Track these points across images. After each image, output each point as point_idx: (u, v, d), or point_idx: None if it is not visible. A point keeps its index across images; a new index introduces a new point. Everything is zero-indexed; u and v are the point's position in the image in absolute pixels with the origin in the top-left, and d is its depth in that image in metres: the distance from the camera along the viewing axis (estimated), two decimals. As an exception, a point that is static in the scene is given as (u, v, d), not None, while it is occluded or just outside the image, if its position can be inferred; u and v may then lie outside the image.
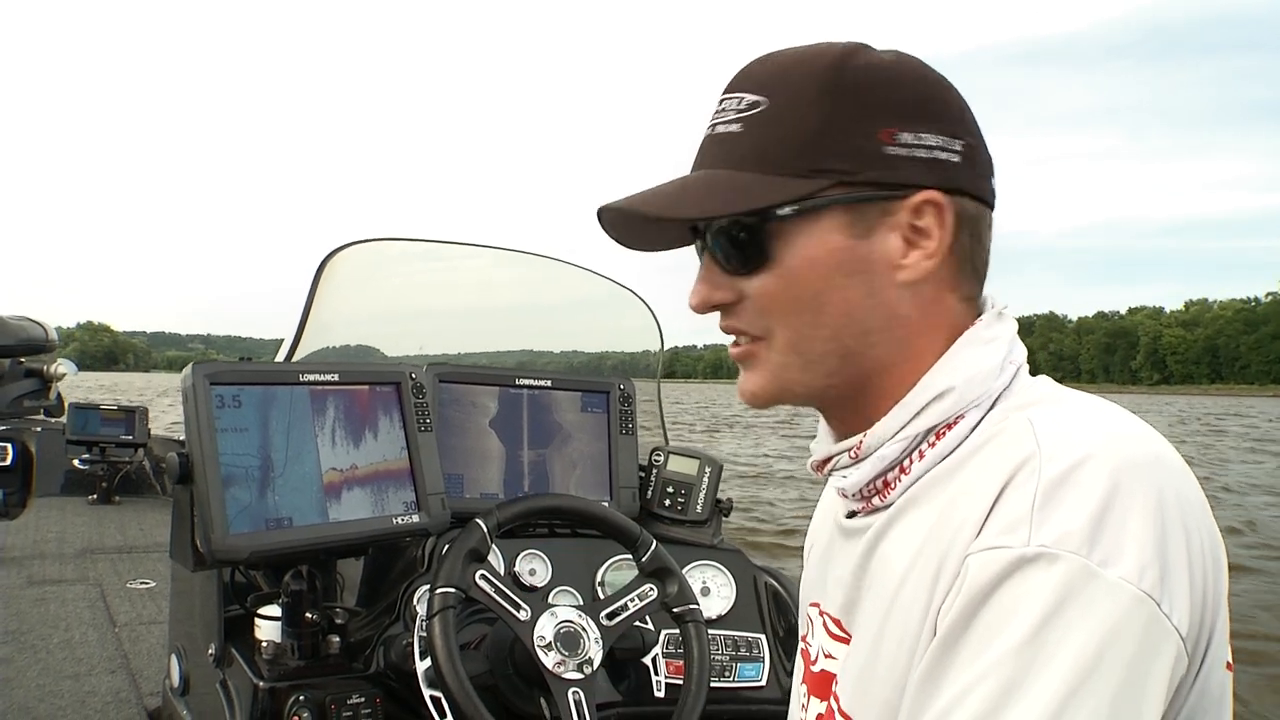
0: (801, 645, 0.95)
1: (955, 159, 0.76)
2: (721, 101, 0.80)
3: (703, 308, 0.82)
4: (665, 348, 2.28)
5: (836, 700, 0.82)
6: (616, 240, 0.86)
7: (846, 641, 0.83)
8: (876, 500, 0.81)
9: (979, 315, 0.81)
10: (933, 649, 0.67)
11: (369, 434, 1.50)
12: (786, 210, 0.75)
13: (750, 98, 0.77)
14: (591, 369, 2.53)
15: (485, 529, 1.42)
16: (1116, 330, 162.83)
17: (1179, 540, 0.64)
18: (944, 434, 0.76)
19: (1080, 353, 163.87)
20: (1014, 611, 0.62)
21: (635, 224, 0.84)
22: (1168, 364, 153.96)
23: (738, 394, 0.85)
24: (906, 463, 0.78)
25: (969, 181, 0.77)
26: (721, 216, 0.77)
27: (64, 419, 5.58)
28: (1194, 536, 0.66)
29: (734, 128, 0.77)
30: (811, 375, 0.79)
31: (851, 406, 0.81)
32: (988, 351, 0.78)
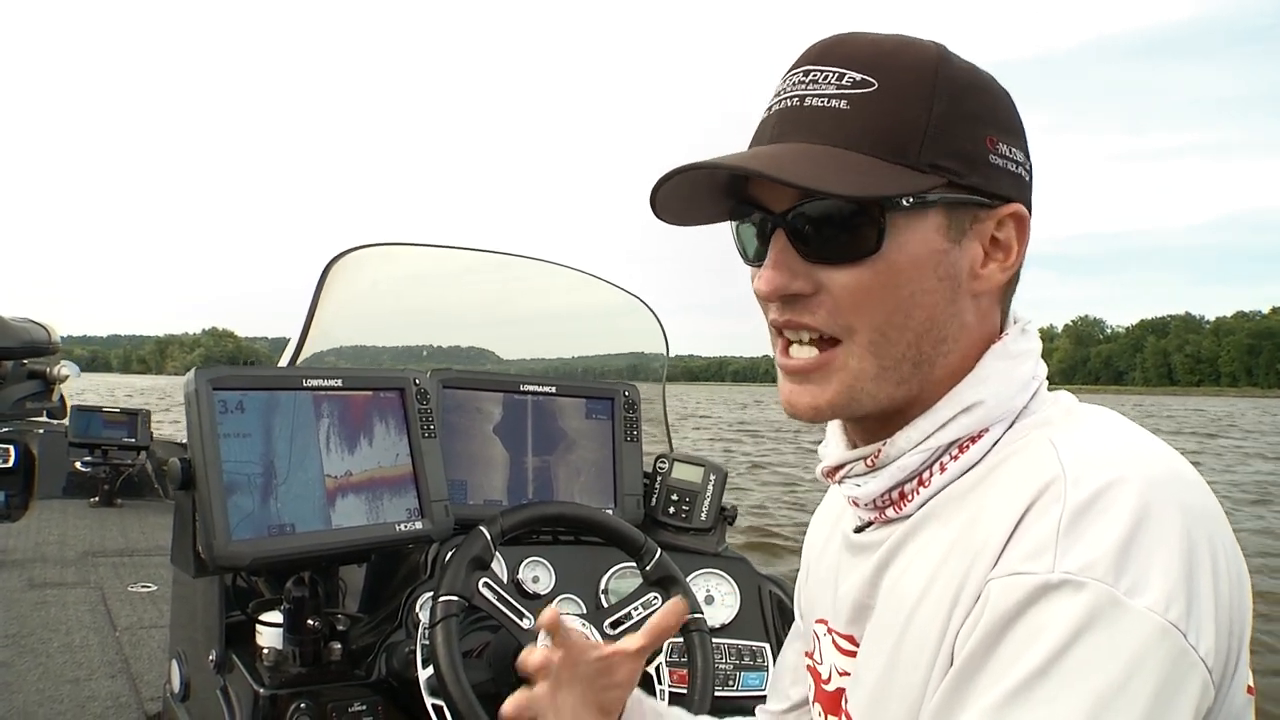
0: (808, 663, 0.93)
1: (1027, 176, 0.77)
2: (808, 73, 0.73)
3: (774, 295, 0.74)
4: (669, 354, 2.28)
5: (848, 717, 0.81)
6: (659, 211, 0.78)
7: (856, 655, 0.81)
8: (891, 512, 0.79)
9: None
10: (952, 675, 0.66)
11: (372, 440, 1.50)
12: (905, 202, 0.72)
13: (854, 75, 0.72)
14: (596, 374, 2.53)
15: (489, 536, 1.41)
16: (1261, 330, 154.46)
17: (1205, 566, 0.63)
18: (967, 448, 0.75)
19: (1220, 355, 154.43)
20: (1036, 638, 0.61)
21: (692, 191, 0.77)
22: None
23: (787, 406, 0.78)
24: (926, 475, 0.76)
25: (1031, 200, 0.78)
26: (844, 196, 0.70)
27: (66, 421, 5.58)
28: (1220, 557, 0.64)
29: (838, 104, 0.72)
30: (882, 385, 0.75)
31: (896, 419, 0.77)
32: (1016, 366, 0.77)
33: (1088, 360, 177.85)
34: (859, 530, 0.84)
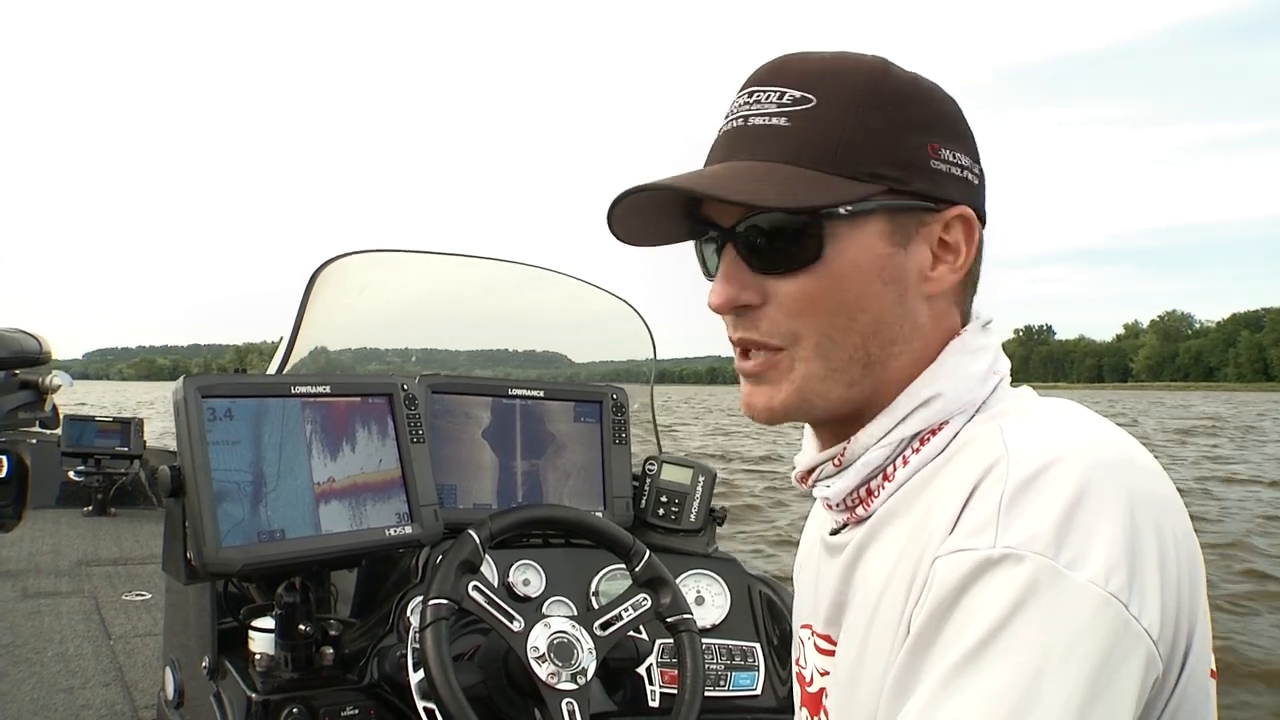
0: (796, 669, 0.94)
1: (976, 180, 0.79)
2: (752, 94, 0.77)
3: (726, 308, 0.78)
4: (658, 357, 2.29)
5: (826, 714, 0.82)
6: (617, 232, 0.81)
7: (834, 654, 0.83)
8: (860, 510, 0.81)
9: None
10: (902, 655, 0.67)
11: (361, 445, 1.51)
12: (844, 211, 0.74)
13: (794, 93, 0.75)
14: (584, 378, 2.55)
15: (478, 540, 1.42)
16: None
17: (1150, 542, 0.64)
18: (928, 439, 0.77)
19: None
20: (979, 613, 0.62)
21: (650, 210, 0.80)
22: None
23: (744, 409, 0.81)
24: (890, 469, 0.78)
25: (983, 203, 0.80)
26: (784, 209, 0.74)
27: (59, 431, 5.57)
28: (1167, 538, 0.65)
29: (779, 121, 0.75)
30: (833, 386, 0.77)
31: (856, 420, 0.79)
32: (973, 360, 0.79)
33: (1176, 356, 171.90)
34: (834, 533, 0.86)
